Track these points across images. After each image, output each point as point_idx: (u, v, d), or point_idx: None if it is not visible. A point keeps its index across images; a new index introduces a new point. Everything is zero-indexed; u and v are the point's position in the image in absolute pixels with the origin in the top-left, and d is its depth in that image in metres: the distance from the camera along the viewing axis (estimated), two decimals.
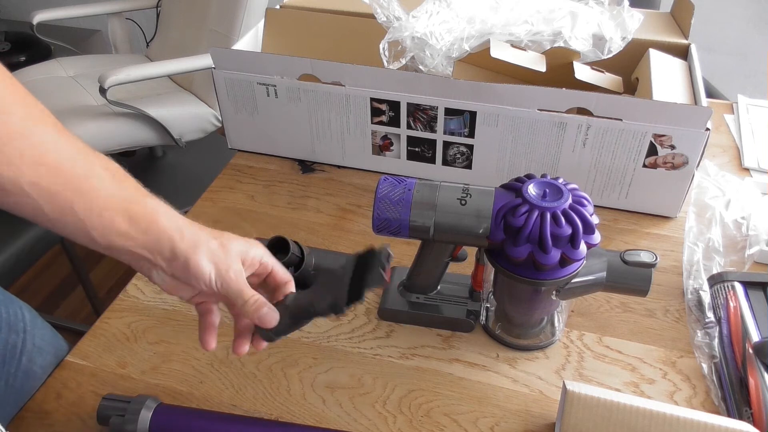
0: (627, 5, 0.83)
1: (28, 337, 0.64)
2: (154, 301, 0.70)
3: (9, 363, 0.62)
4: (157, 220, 0.46)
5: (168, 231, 0.46)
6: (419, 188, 0.57)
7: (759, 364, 0.56)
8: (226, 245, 0.48)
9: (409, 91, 0.79)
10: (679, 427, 0.47)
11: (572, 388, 0.50)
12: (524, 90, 0.75)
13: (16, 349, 0.63)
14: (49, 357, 0.65)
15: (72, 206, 0.42)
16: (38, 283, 1.75)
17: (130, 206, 0.45)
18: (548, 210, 0.51)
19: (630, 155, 0.76)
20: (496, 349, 0.64)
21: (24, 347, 0.63)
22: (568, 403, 0.50)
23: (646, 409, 0.48)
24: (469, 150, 0.82)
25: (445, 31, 0.81)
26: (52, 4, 1.87)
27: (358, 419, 0.58)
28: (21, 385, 0.61)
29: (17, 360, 0.62)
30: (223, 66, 0.85)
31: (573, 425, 0.49)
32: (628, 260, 0.56)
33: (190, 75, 1.76)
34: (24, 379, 0.62)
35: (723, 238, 0.76)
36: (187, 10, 1.83)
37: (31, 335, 0.64)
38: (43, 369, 0.63)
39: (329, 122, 0.86)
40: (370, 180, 0.88)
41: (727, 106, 1.05)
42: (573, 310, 0.68)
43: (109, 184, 0.44)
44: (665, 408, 0.48)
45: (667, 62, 0.84)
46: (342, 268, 0.50)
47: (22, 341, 0.63)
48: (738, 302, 0.63)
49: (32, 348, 0.64)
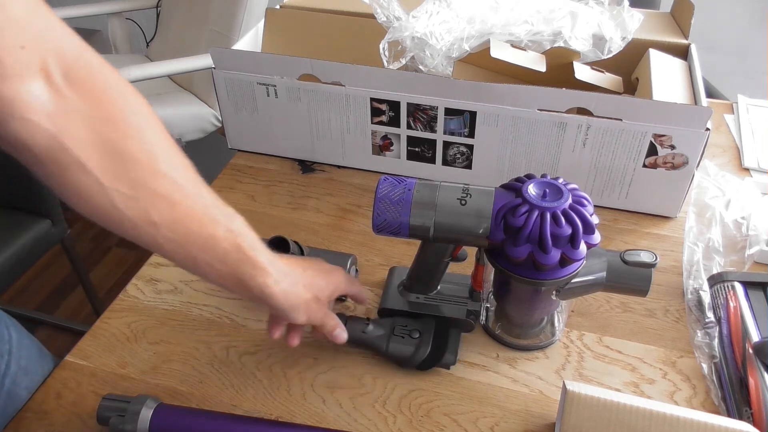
0: (627, 5, 0.83)
1: (12, 360, 0.62)
2: (154, 301, 0.70)
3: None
4: (259, 282, 0.49)
5: (269, 291, 0.50)
6: (419, 188, 0.57)
7: (759, 364, 0.56)
8: (321, 299, 0.54)
9: (409, 91, 0.79)
10: (679, 427, 0.47)
11: (572, 388, 0.50)
12: (524, 90, 0.75)
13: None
14: (36, 377, 0.63)
15: (195, 260, 0.46)
16: (38, 283, 1.75)
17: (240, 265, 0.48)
18: (548, 210, 0.51)
19: (630, 155, 0.76)
20: (496, 349, 0.64)
21: (8, 370, 0.61)
22: (568, 402, 0.50)
23: (646, 409, 0.48)
24: (469, 150, 0.82)
25: (445, 31, 0.81)
26: (52, 4, 1.85)
27: (358, 419, 0.58)
28: (3, 407, 0.59)
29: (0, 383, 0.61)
30: (223, 66, 0.85)
31: (573, 425, 0.49)
32: (628, 260, 0.56)
33: (190, 75, 1.76)
34: (7, 401, 0.60)
35: (723, 238, 0.76)
36: (187, 10, 1.83)
37: (16, 357, 0.63)
38: (28, 391, 0.61)
39: (329, 122, 0.86)
40: (370, 180, 0.88)
41: (727, 106, 1.05)
42: (573, 310, 0.68)
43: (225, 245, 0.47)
44: (665, 408, 0.48)
45: (667, 62, 0.84)
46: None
47: (6, 364, 0.61)
48: (738, 302, 0.63)
49: (17, 370, 0.62)
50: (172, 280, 0.73)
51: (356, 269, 0.72)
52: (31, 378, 0.63)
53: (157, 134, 0.43)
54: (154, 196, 0.42)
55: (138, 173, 0.41)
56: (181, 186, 0.43)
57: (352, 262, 0.69)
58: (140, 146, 0.41)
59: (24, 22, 0.36)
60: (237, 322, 0.67)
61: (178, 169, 0.44)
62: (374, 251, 0.76)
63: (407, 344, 0.61)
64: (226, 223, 0.46)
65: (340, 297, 0.67)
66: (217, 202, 0.46)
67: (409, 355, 0.61)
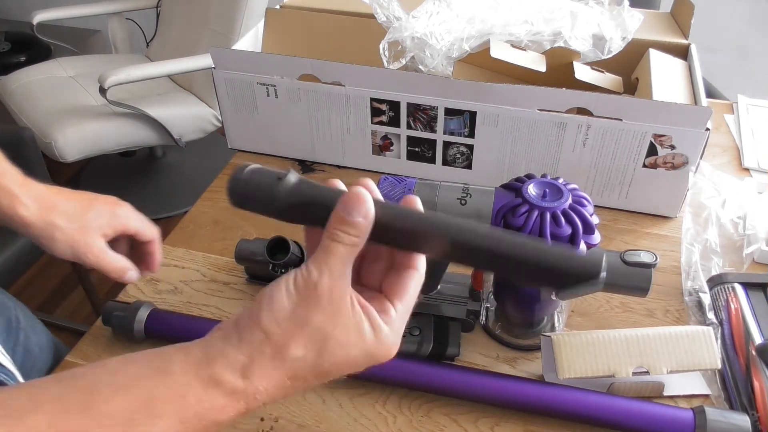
0: (627, 5, 0.83)
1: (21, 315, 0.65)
2: (154, 301, 0.70)
3: (8, 337, 0.61)
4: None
5: (19, 217, 0.48)
6: (419, 188, 0.57)
7: (763, 367, 0.56)
8: (85, 227, 0.49)
9: (409, 91, 0.79)
10: (649, 340, 0.56)
11: (555, 336, 0.57)
12: (524, 90, 0.75)
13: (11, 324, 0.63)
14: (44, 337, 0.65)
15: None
16: (38, 283, 1.75)
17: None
18: (548, 210, 0.51)
19: (630, 155, 0.76)
20: (496, 349, 0.64)
21: (19, 323, 0.63)
22: (557, 347, 0.56)
23: (622, 335, 0.56)
24: (469, 150, 0.82)
25: (445, 31, 0.81)
26: (52, 4, 1.87)
27: (358, 419, 0.58)
28: (22, 362, 0.60)
29: (15, 334, 0.61)
30: (223, 66, 0.86)
31: (566, 367, 0.55)
32: (628, 260, 0.56)
33: (190, 75, 1.76)
34: (25, 355, 0.61)
35: (720, 238, 0.76)
36: (187, 10, 1.83)
37: (23, 311, 0.65)
38: (40, 348, 0.63)
39: (329, 122, 0.86)
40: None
41: (727, 106, 1.05)
42: (573, 310, 0.68)
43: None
44: (637, 331, 0.57)
45: (667, 62, 0.84)
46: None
47: (16, 317, 0.63)
48: (739, 304, 0.63)
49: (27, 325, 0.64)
50: (172, 280, 0.73)
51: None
52: (39, 336, 0.64)
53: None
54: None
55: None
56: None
57: None
58: None
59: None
60: None
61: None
62: None
63: (409, 342, 0.61)
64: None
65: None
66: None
67: (413, 353, 0.61)
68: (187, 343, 0.34)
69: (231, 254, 0.71)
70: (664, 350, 0.55)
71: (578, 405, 0.55)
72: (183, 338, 0.35)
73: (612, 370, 0.55)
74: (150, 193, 2.04)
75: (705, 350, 0.55)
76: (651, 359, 0.55)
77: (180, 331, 0.63)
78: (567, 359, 0.55)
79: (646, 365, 0.55)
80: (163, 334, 0.63)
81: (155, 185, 2.07)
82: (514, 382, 0.57)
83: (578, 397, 0.55)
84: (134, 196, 0.63)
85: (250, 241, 0.70)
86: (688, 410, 0.54)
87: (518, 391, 0.56)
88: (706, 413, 0.52)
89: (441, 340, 0.61)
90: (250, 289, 0.71)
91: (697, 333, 0.56)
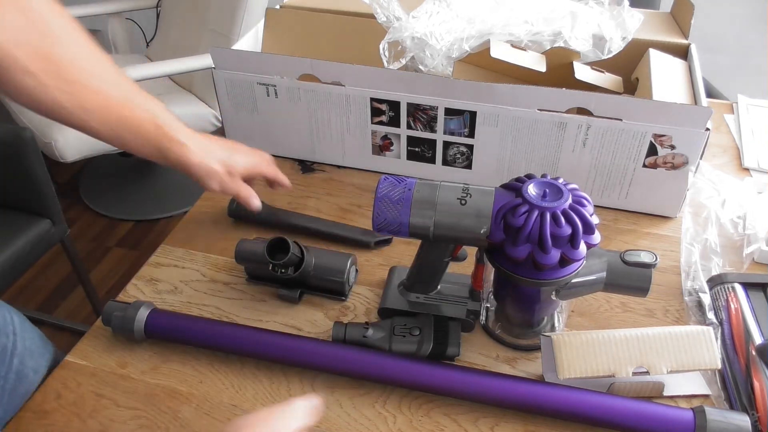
0: (627, 5, 0.83)
1: (18, 340, 0.64)
2: (154, 301, 0.70)
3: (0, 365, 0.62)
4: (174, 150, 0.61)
5: (185, 160, 0.61)
6: (419, 188, 0.57)
7: (763, 367, 0.56)
8: (233, 173, 0.65)
9: (409, 91, 0.79)
10: (649, 340, 0.56)
11: (555, 336, 0.57)
12: (524, 90, 0.75)
13: (6, 352, 0.63)
14: (42, 360, 0.65)
15: (123, 138, 0.58)
16: (38, 283, 1.75)
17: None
18: (548, 210, 0.51)
19: (630, 155, 0.76)
20: (496, 349, 0.64)
21: (15, 350, 0.63)
22: (557, 347, 0.56)
23: (621, 335, 0.57)
24: (469, 150, 0.82)
25: (445, 31, 0.81)
26: None
27: (358, 419, 0.58)
28: (14, 387, 0.61)
29: (8, 362, 0.62)
30: (223, 66, 0.86)
31: (566, 367, 0.55)
32: (628, 260, 0.56)
33: (190, 75, 1.76)
34: (17, 381, 0.61)
35: (720, 238, 0.76)
36: (187, 10, 1.83)
37: (21, 338, 0.65)
38: (35, 371, 0.63)
39: (329, 122, 0.86)
40: (370, 180, 0.88)
41: (727, 106, 1.05)
42: (573, 310, 0.68)
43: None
44: (637, 331, 0.57)
45: (667, 62, 0.84)
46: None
47: (12, 343, 0.63)
48: (739, 304, 0.63)
49: (23, 350, 0.64)
50: (172, 280, 0.73)
51: (356, 269, 0.72)
52: (36, 360, 0.64)
53: (80, 40, 0.53)
54: (86, 89, 0.53)
55: (70, 72, 0.52)
56: (105, 79, 0.55)
57: (352, 262, 0.69)
58: (67, 50, 0.52)
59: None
60: (237, 321, 0.67)
61: (102, 65, 0.55)
62: (374, 251, 0.76)
63: (409, 342, 0.61)
64: (145, 106, 0.58)
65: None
66: (136, 89, 0.58)
67: (413, 353, 0.61)
68: None
69: (231, 254, 0.71)
70: (664, 350, 0.55)
71: (578, 405, 0.55)
72: (183, 338, 0.35)
73: (612, 370, 0.55)
74: (150, 193, 2.04)
75: (705, 350, 0.56)
76: (651, 359, 0.55)
77: (180, 331, 0.62)
78: (567, 359, 0.55)
79: (646, 365, 0.55)
80: (163, 334, 0.63)
81: (155, 185, 2.07)
82: (514, 382, 0.57)
83: (578, 397, 0.55)
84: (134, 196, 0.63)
85: (250, 241, 0.71)
86: (688, 410, 0.54)
87: (518, 391, 0.56)
88: (706, 413, 0.52)
89: (441, 340, 0.61)
90: (250, 289, 0.71)
91: (697, 333, 0.56)
